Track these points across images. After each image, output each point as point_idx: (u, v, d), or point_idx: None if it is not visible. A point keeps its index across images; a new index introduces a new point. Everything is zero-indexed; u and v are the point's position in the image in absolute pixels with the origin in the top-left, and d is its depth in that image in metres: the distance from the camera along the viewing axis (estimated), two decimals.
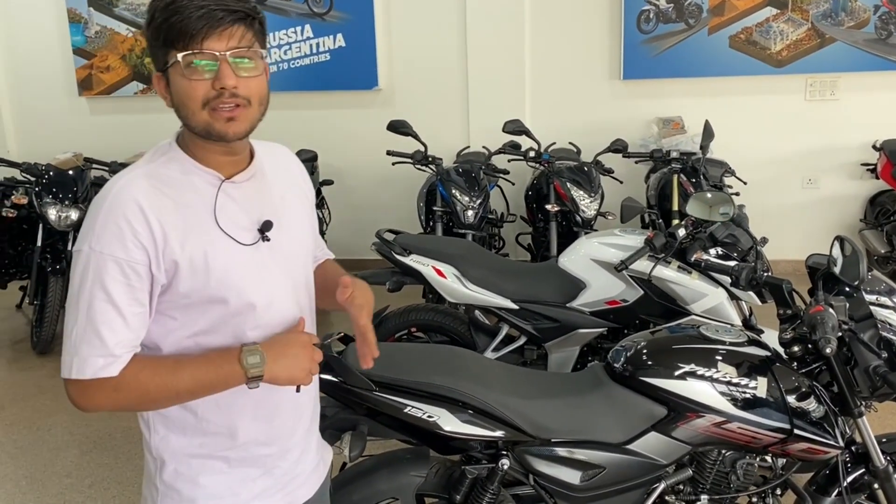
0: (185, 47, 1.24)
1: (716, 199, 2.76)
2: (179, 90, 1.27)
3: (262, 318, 1.37)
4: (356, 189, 5.90)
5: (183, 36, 1.23)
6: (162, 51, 1.27)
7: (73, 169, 4.77)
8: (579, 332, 3.04)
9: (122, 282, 1.24)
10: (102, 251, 1.23)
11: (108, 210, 1.25)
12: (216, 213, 1.32)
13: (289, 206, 1.47)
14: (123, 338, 1.25)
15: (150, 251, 1.25)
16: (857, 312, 1.97)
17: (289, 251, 1.43)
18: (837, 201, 5.56)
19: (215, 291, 1.30)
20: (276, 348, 1.32)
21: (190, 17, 1.22)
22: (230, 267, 1.31)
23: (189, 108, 1.27)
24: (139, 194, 1.26)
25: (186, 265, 1.27)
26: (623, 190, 5.16)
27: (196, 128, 1.29)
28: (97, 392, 1.26)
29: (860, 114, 5.37)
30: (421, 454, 2.02)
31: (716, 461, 2.05)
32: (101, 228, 1.24)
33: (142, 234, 1.24)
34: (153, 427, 1.39)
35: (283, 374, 1.31)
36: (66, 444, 3.57)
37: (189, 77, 1.25)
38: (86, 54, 6.12)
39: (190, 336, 1.33)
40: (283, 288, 1.41)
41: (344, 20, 5.71)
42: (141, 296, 1.26)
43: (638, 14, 5.43)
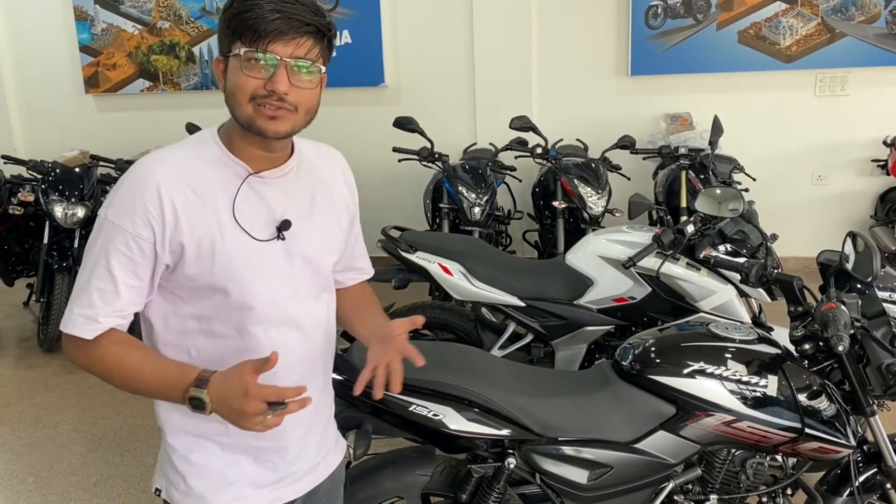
0: (250, 44, 1.27)
1: (725, 195, 2.73)
2: (233, 80, 1.30)
3: (264, 316, 1.38)
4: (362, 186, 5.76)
5: (251, 33, 1.26)
6: (229, 38, 1.30)
7: (79, 166, 4.77)
8: (586, 329, 3.02)
9: (125, 254, 1.29)
10: (115, 221, 1.29)
11: (128, 184, 1.31)
12: (234, 205, 1.34)
13: (319, 210, 1.46)
14: (110, 307, 1.31)
15: (157, 231, 1.29)
16: (869, 309, 1.94)
17: (307, 255, 1.42)
18: (847, 198, 5.51)
19: (218, 280, 1.33)
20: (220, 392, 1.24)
21: (264, 17, 1.25)
22: (236, 259, 1.33)
23: (237, 98, 1.30)
24: (160, 175, 1.30)
25: (193, 250, 1.31)
26: (630, 187, 5.11)
27: (240, 118, 1.32)
28: (75, 349, 1.34)
29: (870, 109, 5.32)
30: (426, 453, 2.00)
31: (725, 460, 2.03)
32: (119, 200, 1.30)
33: (152, 213, 1.28)
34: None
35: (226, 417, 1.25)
36: (71, 441, 3.56)
37: (246, 72, 1.28)
38: (92, 52, 6.12)
39: (194, 317, 1.37)
40: (292, 289, 1.40)
41: (350, 16, 5.68)
42: (140, 271, 1.31)
43: (646, 9, 5.39)
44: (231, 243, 1.33)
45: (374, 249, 3.57)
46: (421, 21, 5.66)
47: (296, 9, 1.26)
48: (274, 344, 1.39)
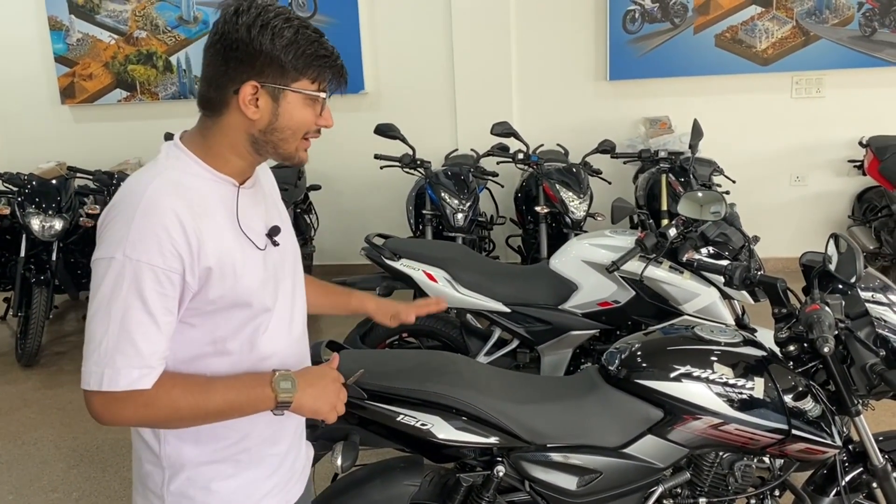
0: (321, 88, 1.32)
1: (707, 199, 2.74)
2: (294, 116, 1.32)
3: (272, 322, 1.40)
4: (344, 193, 5.86)
5: (323, 76, 1.31)
6: (290, 73, 1.29)
7: (56, 178, 4.72)
8: (572, 334, 3.02)
9: (158, 290, 1.22)
10: (140, 259, 1.21)
11: (141, 219, 1.22)
12: (238, 218, 1.34)
13: (280, 210, 1.52)
14: (158, 348, 1.24)
15: (186, 259, 1.24)
16: (852, 310, 1.96)
17: (287, 254, 1.48)
18: (825, 198, 5.57)
19: (241, 296, 1.33)
20: (307, 378, 1.36)
21: (335, 64, 1.33)
22: (252, 271, 1.35)
23: (293, 133, 1.34)
24: (172, 202, 1.24)
25: (218, 271, 1.29)
26: (611, 191, 5.15)
27: (283, 151, 1.35)
28: (126, 405, 1.23)
29: (846, 111, 5.38)
30: (414, 463, 1.98)
31: (713, 463, 2.03)
32: (137, 236, 1.21)
33: (179, 242, 1.23)
34: (164, 438, 1.38)
35: (309, 403, 1.35)
36: (52, 457, 3.51)
37: (311, 108, 1.33)
38: (68, 62, 6.06)
39: (209, 342, 1.33)
40: (284, 291, 1.44)
41: (329, 24, 5.67)
42: (172, 305, 1.25)
43: (623, 14, 5.42)
44: (247, 256, 1.34)
45: (357, 257, 3.57)
46: (400, 27, 5.66)
47: (337, 54, 1.35)
48: (275, 349, 1.41)
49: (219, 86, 1.30)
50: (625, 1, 5.40)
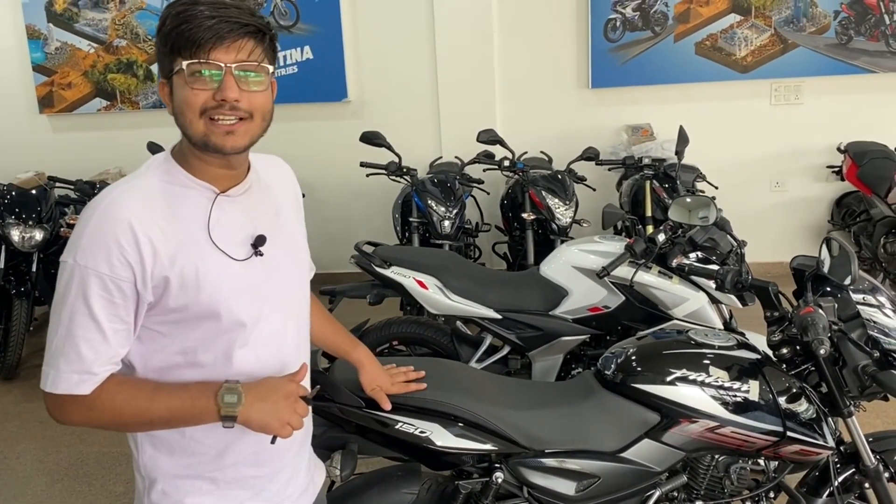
0: (191, 56, 1.22)
1: (696, 204, 2.77)
2: (180, 98, 1.26)
3: (251, 336, 1.35)
4: (329, 202, 5.84)
5: (190, 45, 1.22)
6: (169, 58, 1.26)
7: (35, 188, 4.65)
8: (562, 339, 3.03)
9: (105, 297, 1.22)
10: (87, 265, 1.21)
11: (96, 224, 1.23)
12: (210, 228, 1.30)
13: (284, 220, 1.46)
14: (102, 355, 1.24)
15: (137, 269, 1.23)
16: (844, 312, 1.98)
17: (282, 266, 1.41)
18: (805, 203, 5.64)
19: (206, 308, 1.28)
20: (257, 391, 1.29)
21: (200, 26, 1.21)
22: (221, 283, 1.29)
23: (187, 116, 1.26)
24: (130, 210, 1.23)
25: (177, 281, 1.25)
26: (596, 197, 5.18)
27: (193, 137, 1.27)
28: (71, 407, 1.26)
29: (824, 117, 5.47)
30: (412, 471, 1.98)
31: (709, 466, 2.04)
32: (88, 243, 1.22)
33: (129, 251, 1.22)
34: (140, 446, 1.36)
35: (256, 418, 1.27)
36: (35, 471, 3.44)
37: (192, 86, 1.24)
38: (46, 71, 5.98)
39: (179, 352, 1.31)
40: (274, 304, 1.39)
41: (311, 32, 5.66)
42: (123, 313, 1.24)
43: (605, 23, 5.47)
44: (213, 267, 1.29)
45: (343, 265, 3.55)
46: (383, 35, 5.66)
47: (230, 12, 1.24)
48: (263, 365, 1.36)
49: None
50: (606, 10, 5.45)
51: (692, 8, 5.39)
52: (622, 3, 5.44)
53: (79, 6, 5.87)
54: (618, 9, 5.44)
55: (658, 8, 5.42)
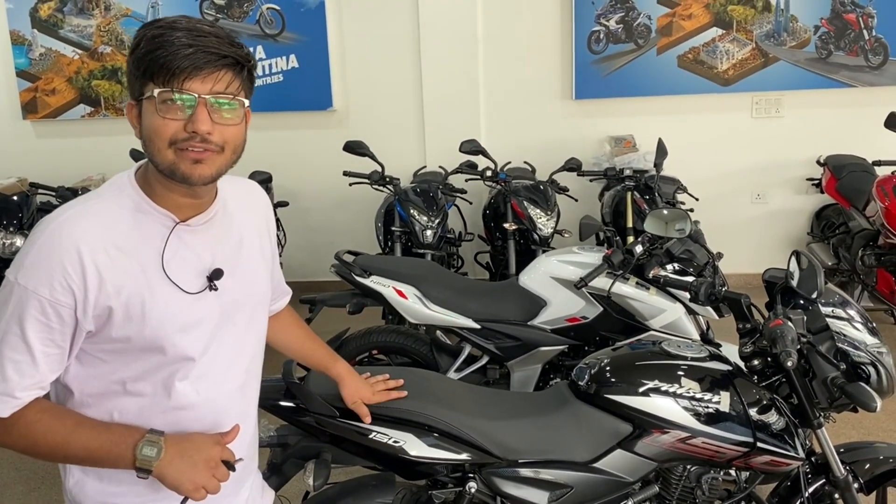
0: (164, 84, 1.18)
1: (672, 216, 2.80)
2: (150, 125, 1.21)
3: (195, 370, 1.30)
4: (312, 210, 5.84)
5: (164, 72, 1.17)
6: (140, 81, 1.21)
7: (17, 194, 4.63)
8: (541, 349, 3.04)
9: (41, 321, 1.18)
10: (27, 286, 1.17)
11: (41, 246, 1.18)
12: (164, 260, 1.25)
13: (247, 251, 1.40)
14: (28, 379, 1.20)
15: (79, 296, 1.18)
16: (813, 325, 2.01)
17: (237, 301, 1.36)
18: (785, 215, 5.70)
19: (150, 341, 1.24)
20: (180, 447, 1.23)
21: (176, 54, 1.16)
22: (169, 317, 1.25)
23: (155, 144, 1.21)
24: (79, 235, 1.19)
25: (121, 312, 1.21)
26: (578, 208, 5.22)
27: (160, 165, 1.22)
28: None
29: (804, 130, 5.53)
30: (386, 480, 1.99)
31: (681, 477, 2.06)
32: (32, 264, 1.18)
33: (73, 277, 1.18)
34: (69, 470, 1.32)
35: (171, 477, 1.22)
36: (12, 480, 3.42)
37: (163, 114, 1.19)
38: (30, 77, 5.96)
39: (118, 381, 1.27)
40: (224, 340, 1.34)
41: (297, 41, 5.67)
42: (59, 338, 1.20)
43: (588, 35, 5.52)
44: (162, 300, 1.24)
45: (325, 274, 3.56)
46: (368, 45, 5.69)
47: (210, 41, 1.18)
48: (203, 399, 1.32)
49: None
50: (590, 22, 5.50)
51: (675, 21, 5.45)
52: (606, 16, 5.49)
53: (64, 12, 5.86)
54: (601, 21, 5.49)
55: (641, 21, 5.47)
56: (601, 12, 5.48)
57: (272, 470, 1.95)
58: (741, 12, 5.41)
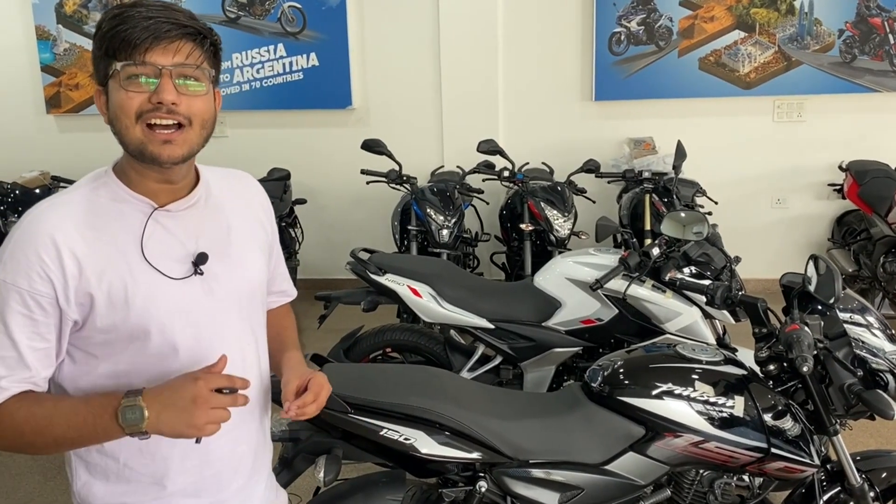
0: (127, 57, 1.17)
1: (689, 219, 2.78)
2: (115, 102, 1.20)
3: (189, 361, 1.27)
4: (329, 208, 5.86)
5: (126, 46, 1.17)
6: (104, 62, 1.21)
7: (39, 187, 4.69)
8: (555, 351, 3.03)
9: (23, 313, 1.18)
10: (5, 280, 1.18)
11: (18, 238, 1.19)
12: (143, 244, 1.24)
13: (237, 237, 1.37)
14: (17, 373, 1.19)
15: (59, 284, 1.18)
16: (831, 330, 1.99)
17: (229, 286, 1.33)
18: (805, 221, 5.64)
19: (136, 328, 1.22)
20: (161, 399, 1.16)
21: (136, 27, 1.17)
22: (153, 302, 1.23)
23: (122, 121, 1.20)
24: (53, 222, 1.19)
25: (103, 299, 1.20)
26: (596, 209, 5.19)
27: (130, 145, 1.21)
28: None
29: (826, 135, 5.47)
30: (397, 477, 1.98)
31: (694, 481, 2.05)
32: (9, 256, 1.19)
33: (50, 266, 1.17)
34: (75, 472, 1.31)
35: (168, 428, 1.16)
36: (28, 469, 3.46)
37: (127, 88, 1.18)
38: (54, 72, 6.03)
39: (110, 375, 1.25)
40: (214, 328, 1.31)
41: (317, 39, 5.70)
42: (44, 330, 1.19)
43: (609, 36, 5.49)
44: (144, 285, 1.22)
45: (342, 272, 3.57)
46: (388, 44, 5.70)
47: (169, 14, 1.19)
48: None
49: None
50: (611, 23, 5.47)
51: (697, 23, 5.42)
52: (627, 17, 5.46)
53: (88, 8, 5.92)
54: (623, 23, 5.46)
55: (663, 23, 5.44)
56: (622, 13, 5.45)
57: (283, 465, 1.96)
58: (764, 15, 5.36)
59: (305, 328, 5.23)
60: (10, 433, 1.19)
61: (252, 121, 5.86)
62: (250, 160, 5.56)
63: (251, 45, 5.75)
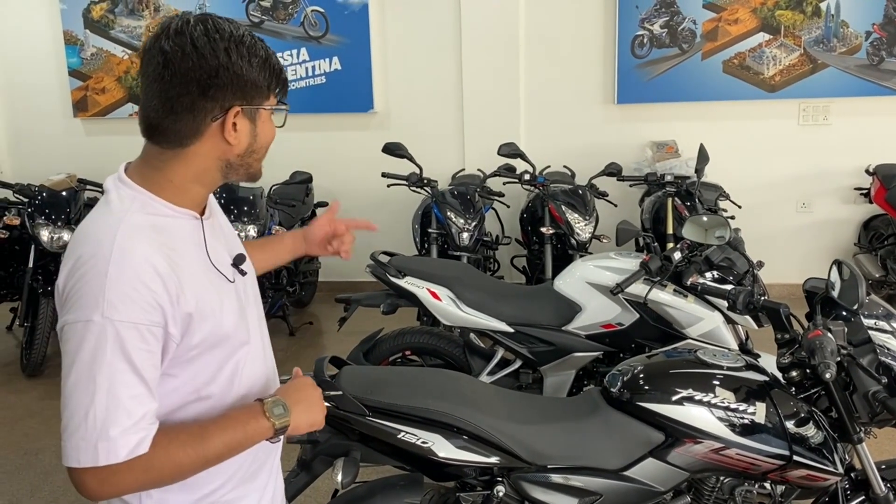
0: (281, 99, 1.32)
1: (712, 223, 2.75)
2: (268, 134, 1.31)
3: (245, 355, 1.34)
4: (351, 211, 5.88)
5: (284, 89, 1.31)
6: (265, 92, 1.28)
7: (66, 190, 4.75)
8: (575, 355, 3.02)
9: (144, 349, 1.15)
10: (122, 319, 1.13)
11: (117, 270, 1.14)
12: (208, 253, 1.29)
13: (229, 232, 1.45)
14: (150, 408, 1.17)
15: (168, 310, 1.17)
16: (855, 337, 1.96)
17: (248, 281, 1.42)
18: (831, 225, 5.57)
19: (221, 336, 1.27)
20: (291, 396, 1.33)
21: (284, 73, 1.32)
22: (228, 307, 1.29)
23: (265, 150, 1.33)
24: (146, 248, 1.17)
25: (198, 314, 1.22)
26: (617, 213, 5.16)
27: (253, 168, 1.32)
28: (126, 475, 1.14)
29: (853, 138, 5.40)
30: (415, 481, 1.98)
31: (714, 488, 2.02)
32: (115, 293, 1.13)
33: (158, 292, 1.16)
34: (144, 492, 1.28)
35: (303, 420, 1.32)
36: (55, 468, 3.51)
37: (278, 124, 1.33)
38: (81, 76, 6.13)
39: (192, 391, 1.27)
40: (254, 320, 1.40)
41: (340, 43, 5.73)
42: (157, 361, 1.19)
43: (632, 39, 5.46)
44: (221, 293, 1.28)
45: (362, 274, 3.58)
46: (410, 48, 5.72)
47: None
48: (252, 382, 1.36)
49: (191, 116, 1.22)
50: (634, 26, 5.45)
51: (721, 26, 5.37)
52: (650, 20, 5.43)
53: (115, 13, 6.01)
54: (646, 25, 5.43)
55: (686, 25, 5.40)
56: (645, 16, 5.42)
57: (301, 466, 1.96)
58: (790, 17, 5.30)
59: (326, 330, 5.25)
60: (169, 468, 1.18)
61: None
62: (273, 163, 5.56)
63: (274, 50, 5.71)
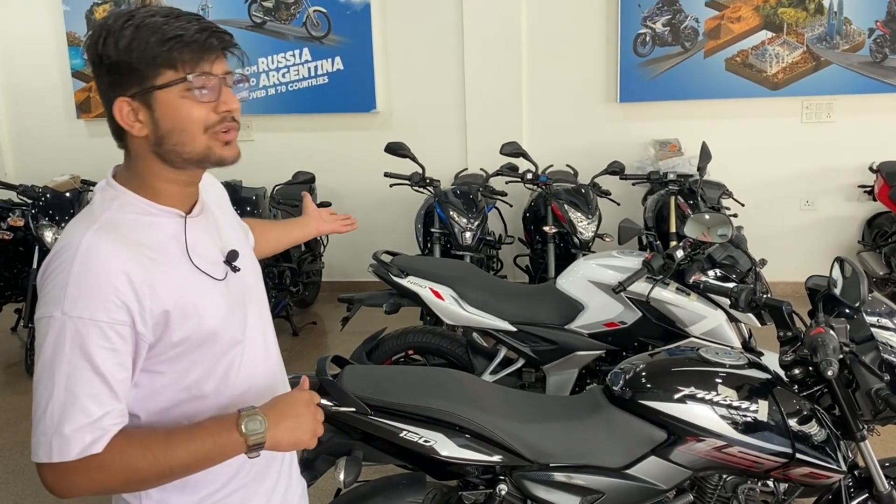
0: (194, 69, 1.17)
1: (714, 221, 2.75)
2: (179, 115, 1.19)
3: (245, 355, 1.32)
4: (353, 211, 5.85)
5: (183, 58, 1.16)
6: (146, 72, 1.16)
7: (69, 191, 4.77)
8: (577, 354, 3.02)
9: (107, 347, 1.13)
10: (81, 316, 1.11)
11: (81, 268, 1.13)
12: (189, 253, 1.25)
13: (234, 232, 1.42)
14: (111, 409, 1.14)
15: (134, 309, 1.15)
16: (857, 334, 1.95)
17: (249, 279, 1.38)
18: (835, 223, 5.56)
19: (207, 334, 1.24)
20: (277, 409, 1.22)
21: (196, 39, 1.16)
22: (214, 306, 1.26)
23: (189, 133, 1.20)
24: (114, 247, 1.16)
25: (178, 311, 1.20)
26: (620, 212, 5.15)
27: (192, 154, 1.22)
28: (80, 474, 1.12)
29: (856, 136, 5.39)
30: (417, 480, 1.99)
31: (717, 486, 2.02)
32: (78, 293, 1.12)
33: (123, 292, 1.14)
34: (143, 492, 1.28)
35: (286, 438, 1.21)
36: None
37: (200, 99, 1.18)
38: (85, 77, 6.14)
39: (183, 389, 1.25)
40: (254, 318, 1.36)
41: (342, 43, 5.73)
42: (125, 360, 1.16)
43: (634, 37, 5.46)
44: (204, 292, 1.25)
45: (366, 274, 3.59)
46: (412, 47, 5.72)
47: (210, 23, 1.20)
48: (253, 382, 1.34)
49: (109, 113, 1.21)
50: (636, 24, 5.44)
51: (723, 24, 5.36)
52: (652, 18, 5.43)
53: None
54: (648, 24, 5.43)
55: (688, 23, 5.40)
56: (647, 14, 5.42)
57: (304, 465, 1.96)
58: (792, 15, 5.29)
59: (329, 330, 5.26)
60: (123, 473, 1.14)
61: (277, 124, 5.91)
62: (275, 164, 5.61)
63: (277, 50, 5.80)
